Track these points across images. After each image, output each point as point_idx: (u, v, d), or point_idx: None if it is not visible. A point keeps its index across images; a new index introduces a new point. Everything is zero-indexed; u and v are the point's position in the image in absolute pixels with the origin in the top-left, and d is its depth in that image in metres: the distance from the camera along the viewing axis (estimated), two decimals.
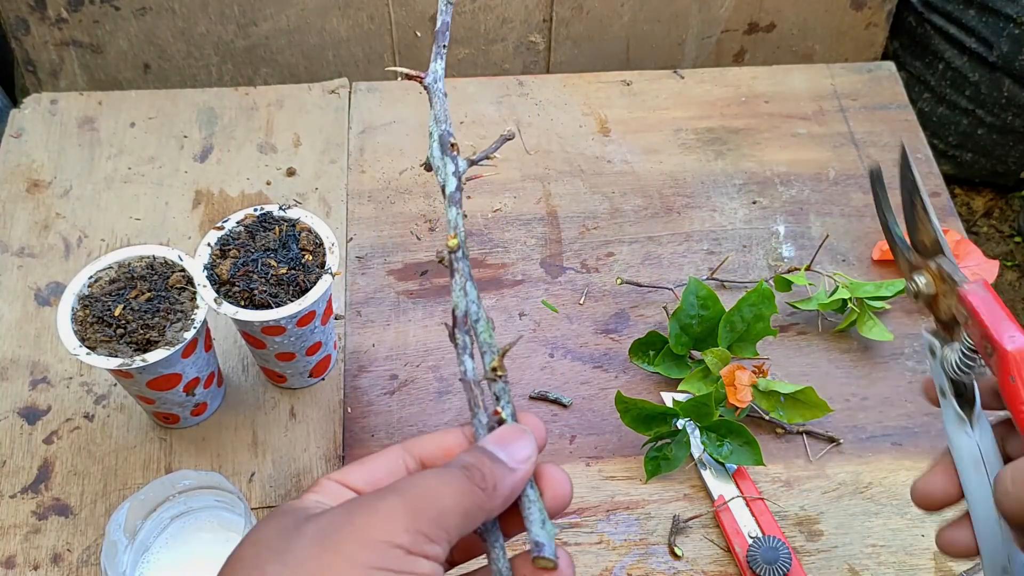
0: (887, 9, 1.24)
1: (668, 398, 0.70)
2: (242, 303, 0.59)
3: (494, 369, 0.40)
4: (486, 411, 0.39)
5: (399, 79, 0.48)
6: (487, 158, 0.45)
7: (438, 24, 0.45)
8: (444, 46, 0.45)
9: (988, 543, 0.41)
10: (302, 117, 0.88)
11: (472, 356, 0.40)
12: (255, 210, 0.64)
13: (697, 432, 0.66)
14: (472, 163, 0.45)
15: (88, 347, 0.58)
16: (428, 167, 0.45)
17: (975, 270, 0.74)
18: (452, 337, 0.40)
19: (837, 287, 0.73)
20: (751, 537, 0.62)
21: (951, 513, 0.45)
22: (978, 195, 1.58)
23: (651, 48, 1.23)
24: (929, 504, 0.44)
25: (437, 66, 0.45)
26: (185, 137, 0.86)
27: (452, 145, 0.44)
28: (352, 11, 1.13)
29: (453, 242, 0.42)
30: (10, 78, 1.26)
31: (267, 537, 0.34)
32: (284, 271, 0.60)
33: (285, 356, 0.65)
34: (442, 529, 0.33)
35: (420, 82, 0.45)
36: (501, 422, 0.39)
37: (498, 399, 0.39)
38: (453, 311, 0.41)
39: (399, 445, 0.39)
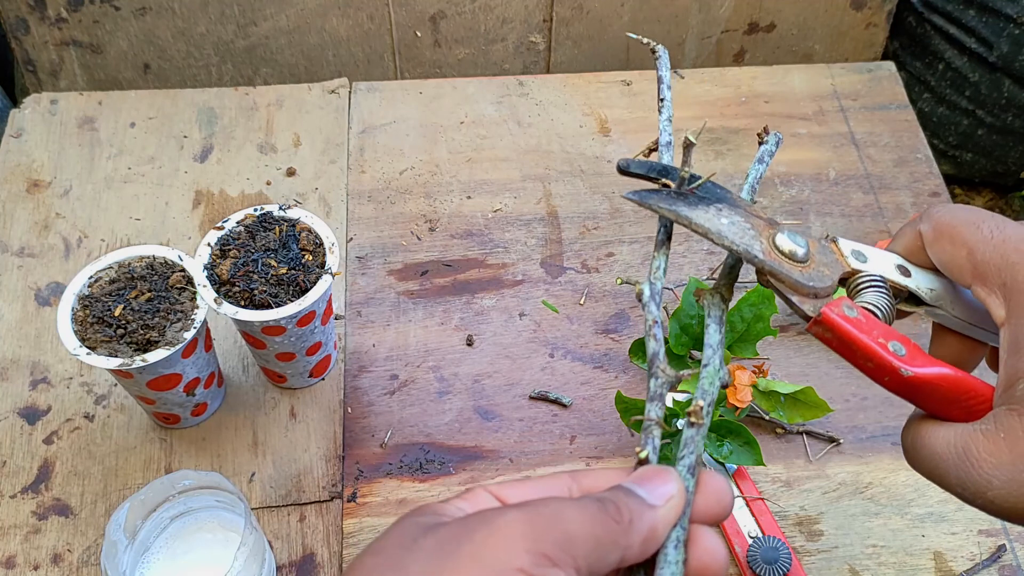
0: (887, 9, 1.24)
1: (668, 398, 0.70)
2: (242, 303, 0.59)
3: (690, 413, 0.36)
4: (655, 452, 0.36)
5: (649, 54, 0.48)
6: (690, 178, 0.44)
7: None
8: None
9: None
10: (302, 117, 0.88)
11: (656, 400, 0.37)
12: (255, 210, 0.64)
13: None
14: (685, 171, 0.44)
15: (88, 347, 0.58)
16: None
17: None
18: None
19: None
20: (751, 537, 0.62)
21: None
22: (978, 195, 1.58)
23: None
24: None
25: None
26: (185, 137, 0.86)
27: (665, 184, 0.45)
28: (352, 11, 1.13)
29: (637, 288, 0.41)
30: (10, 78, 1.26)
31: (388, 546, 0.32)
32: (284, 271, 0.60)
33: (285, 356, 0.65)
34: (568, 554, 0.31)
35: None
36: (642, 463, 0.36)
37: (684, 446, 0.36)
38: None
39: (569, 474, 0.37)
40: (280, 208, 0.64)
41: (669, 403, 0.69)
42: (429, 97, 0.91)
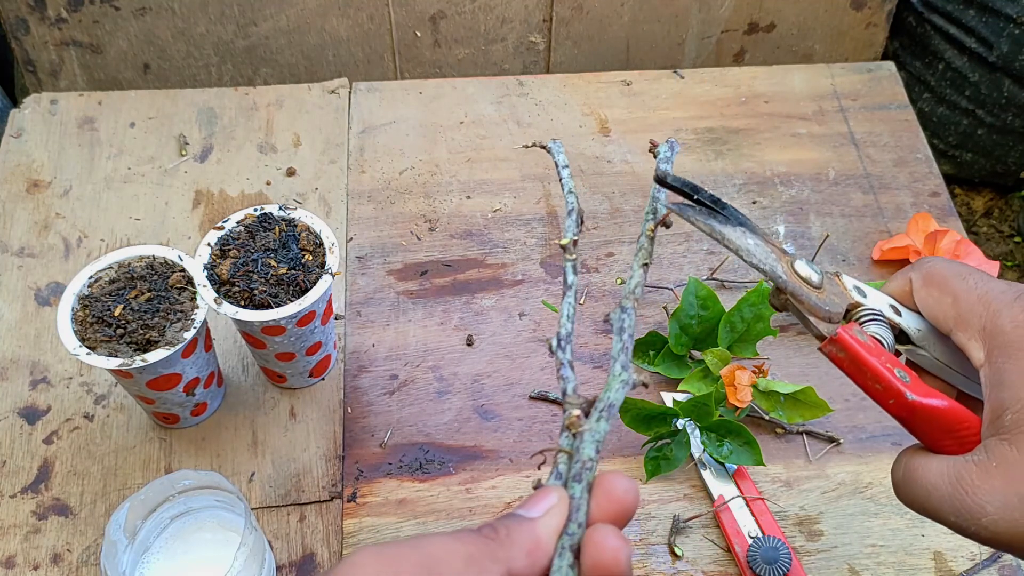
0: (887, 9, 1.24)
1: (668, 398, 0.70)
2: (242, 303, 0.59)
3: (568, 426, 0.38)
4: (558, 478, 0.37)
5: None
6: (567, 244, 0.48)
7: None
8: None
9: None
10: (302, 117, 0.88)
11: (564, 431, 0.38)
12: (255, 210, 0.64)
13: (697, 432, 0.66)
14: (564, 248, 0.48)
15: (88, 347, 0.58)
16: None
17: None
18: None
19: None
20: (751, 537, 0.62)
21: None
22: (978, 195, 1.58)
23: (651, 48, 1.23)
24: None
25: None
26: (184, 137, 0.86)
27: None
28: (352, 11, 1.13)
29: (548, 342, 0.43)
30: (10, 78, 1.26)
31: None
32: (284, 271, 0.60)
33: (285, 356, 0.65)
34: (431, 572, 0.31)
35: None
36: (537, 487, 0.37)
37: (572, 456, 0.37)
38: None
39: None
40: (280, 208, 0.64)
41: (669, 403, 0.69)
42: (429, 97, 0.91)
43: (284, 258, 0.61)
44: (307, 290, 0.60)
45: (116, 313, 0.59)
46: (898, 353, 0.45)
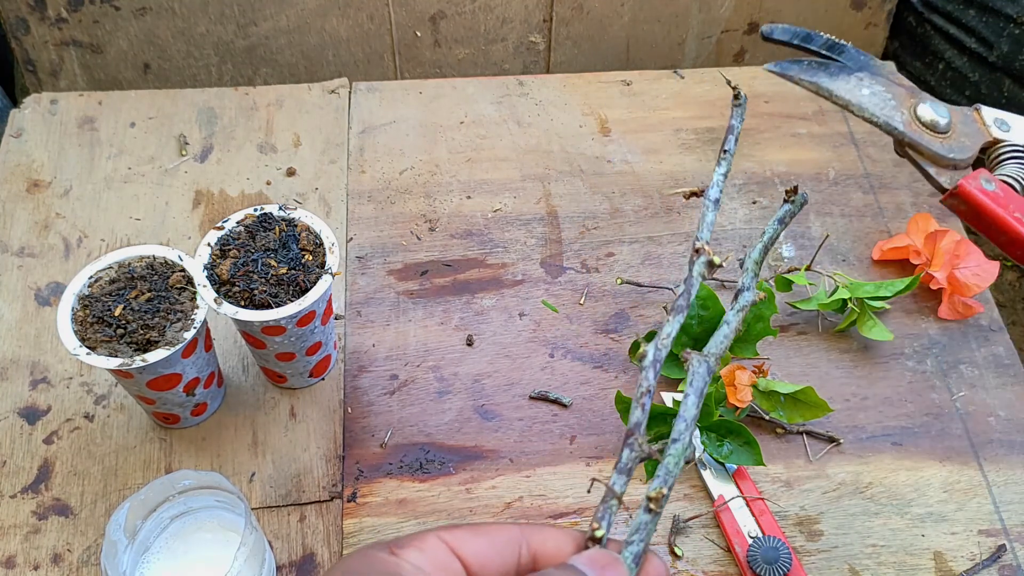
0: (887, 9, 1.24)
1: (668, 398, 0.70)
2: (242, 303, 0.59)
3: (651, 499, 0.35)
4: (609, 529, 0.35)
5: (685, 198, 0.46)
6: (718, 265, 0.41)
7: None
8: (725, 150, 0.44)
9: None
10: (302, 117, 0.88)
11: (625, 473, 0.36)
12: (255, 210, 0.64)
13: (697, 432, 0.66)
14: (711, 266, 0.41)
15: (88, 347, 0.58)
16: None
17: (975, 271, 0.74)
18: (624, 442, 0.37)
19: (837, 287, 0.74)
20: (751, 537, 0.62)
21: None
22: None
23: (651, 48, 1.23)
24: None
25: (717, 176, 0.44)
26: (184, 137, 0.86)
27: (695, 250, 0.41)
28: (352, 11, 1.13)
29: (641, 349, 0.38)
30: (10, 78, 1.26)
31: None
32: (284, 271, 0.60)
33: (285, 356, 0.65)
34: None
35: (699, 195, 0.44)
36: (596, 540, 0.35)
37: (635, 531, 0.35)
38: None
39: (519, 528, 0.36)
40: (280, 208, 0.64)
41: (669, 403, 0.69)
42: (429, 97, 0.91)
43: (284, 258, 0.61)
44: (307, 290, 0.60)
45: (116, 313, 0.59)
46: None
